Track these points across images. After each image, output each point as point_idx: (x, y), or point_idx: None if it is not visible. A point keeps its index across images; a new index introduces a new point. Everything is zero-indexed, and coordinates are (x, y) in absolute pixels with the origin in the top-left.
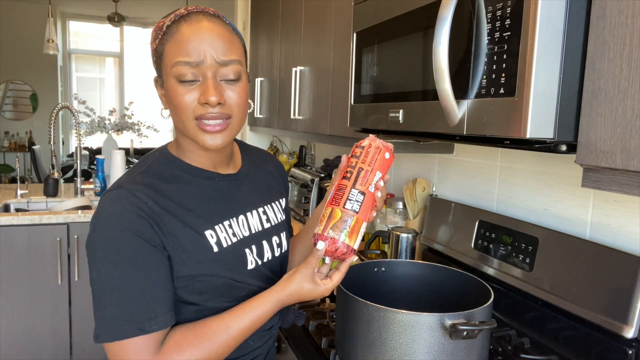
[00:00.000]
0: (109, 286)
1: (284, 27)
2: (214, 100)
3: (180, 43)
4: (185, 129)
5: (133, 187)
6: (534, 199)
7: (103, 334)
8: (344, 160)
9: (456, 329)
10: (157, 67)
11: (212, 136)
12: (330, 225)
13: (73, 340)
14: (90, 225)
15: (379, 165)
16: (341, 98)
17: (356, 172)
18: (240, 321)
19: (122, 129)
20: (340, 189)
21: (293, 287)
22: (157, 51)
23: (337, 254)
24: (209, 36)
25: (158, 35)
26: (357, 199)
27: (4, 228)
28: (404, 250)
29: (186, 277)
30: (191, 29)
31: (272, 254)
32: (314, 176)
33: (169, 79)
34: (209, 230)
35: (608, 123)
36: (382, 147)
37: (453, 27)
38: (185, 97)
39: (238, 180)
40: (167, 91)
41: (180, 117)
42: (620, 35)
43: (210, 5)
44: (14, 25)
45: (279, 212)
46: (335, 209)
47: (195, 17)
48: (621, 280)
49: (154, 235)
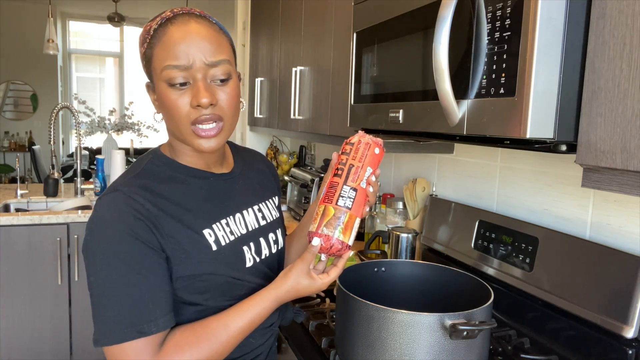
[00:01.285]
0: (108, 290)
1: (284, 27)
2: (205, 102)
3: (168, 47)
4: (180, 134)
5: (129, 189)
6: (534, 199)
7: (103, 337)
8: (334, 157)
9: (456, 329)
10: (147, 71)
11: (206, 140)
12: (324, 223)
13: (73, 340)
14: (86, 229)
15: (369, 161)
16: (341, 98)
17: (347, 168)
18: (239, 320)
19: (122, 129)
20: (332, 186)
21: (290, 284)
22: (146, 55)
23: (332, 251)
24: (197, 38)
25: (146, 39)
26: (350, 195)
27: (4, 228)
28: (404, 250)
29: (186, 277)
30: (178, 32)
31: (270, 251)
32: (314, 176)
33: (160, 84)
34: (207, 229)
35: (608, 123)
36: (372, 143)
37: (453, 27)
38: (178, 101)
39: (232, 179)
40: (159, 96)
41: (174, 122)
42: (620, 35)
43: (210, 5)
44: (14, 25)
45: (273, 209)
46: (328, 207)
47: (182, 19)
48: (621, 280)
49: (151, 238)
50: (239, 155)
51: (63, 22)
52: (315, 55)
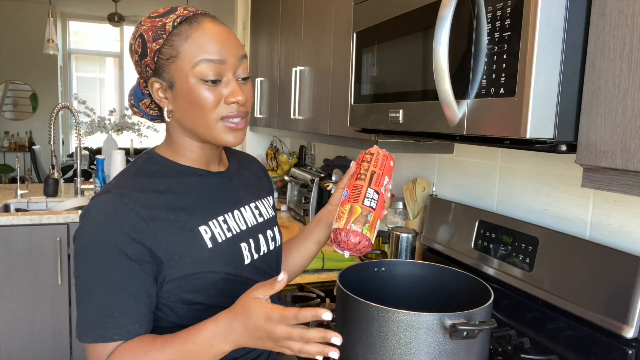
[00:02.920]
0: (83, 289)
1: (284, 27)
2: (242, 99)
3: (202, 43)
4: (206, 128)
5: (121, 192)
6: (534, 199)
7: (77, 332)
8: (353, 165)
9: (456, 329)
10: (161, 67)
11: (235, 134)
12: (352, 220)
13: (73, 340)
14: (79, 222)
15: (387, 170)
16: (341, 98)
17: (369, 174)
18: (177, 347)
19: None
20: (357, 188)
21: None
22: (164, 52)
23: (360, 247)
24: (227, 36)
25: (160, 35)
26: (373, 197)
27: (4, 228)
28: (404, 250)
29: (181, 277)
30: (211, 29)
31: (268, 248)
32: (314, 176)
33: (188, 79)
34: (203, 226)
35: (608, 123)
36: (388, 156)
37: (453, 27)
38: (210, 97)
39: (228, 177)
40: (186, 91)
41: (202, 117)
42: (620, 35)
43: (211, 5)
44: (14, 25)
45: (269, 207)
46: (354, 206)
47: (205, 18)
48: (621, 280)
49: (134, 247)
50: (233, 155)
51: (63, 22)
52: (315, 55)
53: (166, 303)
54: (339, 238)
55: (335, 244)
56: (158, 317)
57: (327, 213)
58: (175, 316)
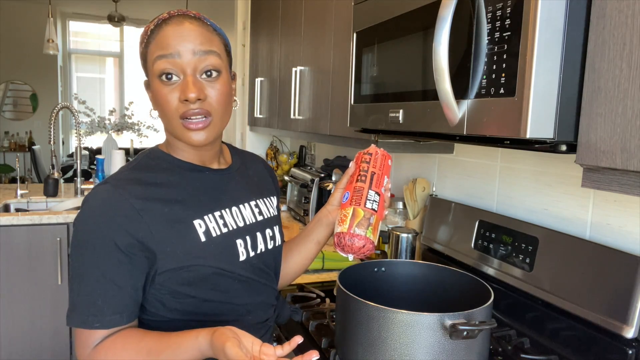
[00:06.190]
0: (74, 274)
1: (284, 27)
2: (192, 96)
3: (159, 41)
4: (171, 128)
5: (118, 182)
6: (534, 199)
7: (66, 315)
8: (352, 166)
9: (456, 329)
10: (145, 69)
11: (195, 133)
12: (356, 223)
13: (73, 340)
14: (80, 208)
15: (386, 170)
16: (341, 98)
17: (369, 175)
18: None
19: (122, 129)
20: (358, 190)
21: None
22: (143, 54)
23: (364, 250)
24: (187, 32)
25: (144, 39)
26: (375, 199)
27: (4, 228)
28: (404, 250)
29: (172, 269)
30: (172, 29)
31: (265, 246)
32: (314, 176)
33: (154, 80)
34: (198, 220)
35: (608, 123)
36: (386, 155)
37: (453, 27)
38: (168, 96)
39: (229, 175)
40: (153, 92)
41: (166, 117)
42: (620, 35)
43: (211, 6)
44: (14, 25)
45: (271, 207)
46: (357, 209)
47: (176, 19)
48: (621, 280)
49: (124, 238)
50: (238, 155)
51: (63, 22)
52: (315, 55)
53: (158, 296)
54: (343, 242)
55: (339, 248)
56: (149, 312)
57: (326, 213)
58: (167, 310)
